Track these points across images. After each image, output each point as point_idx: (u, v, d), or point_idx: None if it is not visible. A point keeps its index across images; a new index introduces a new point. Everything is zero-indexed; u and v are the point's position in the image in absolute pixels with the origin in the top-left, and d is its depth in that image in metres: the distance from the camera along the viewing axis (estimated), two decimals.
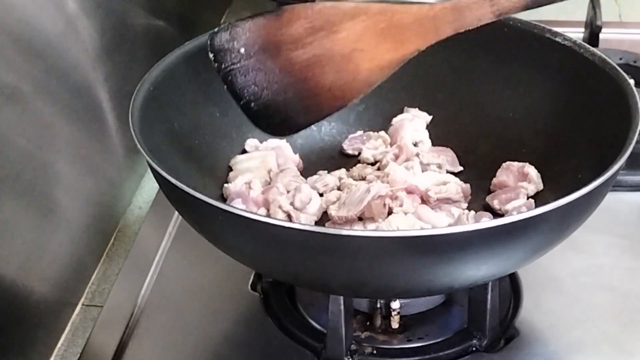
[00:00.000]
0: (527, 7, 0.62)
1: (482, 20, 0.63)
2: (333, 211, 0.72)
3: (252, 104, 0.68)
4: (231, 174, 0.77)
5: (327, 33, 0.66)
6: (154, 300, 0.76)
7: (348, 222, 0.71)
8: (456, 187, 0.75)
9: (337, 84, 0.67)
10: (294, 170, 0.79)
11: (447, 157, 0.79)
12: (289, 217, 0.73)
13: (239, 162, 0.78)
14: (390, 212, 0.72)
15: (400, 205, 0.72)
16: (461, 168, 0.79)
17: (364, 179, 0.78)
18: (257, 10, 0.68)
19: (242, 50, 0.67)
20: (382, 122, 0.84)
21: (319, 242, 0.55)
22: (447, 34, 0.64)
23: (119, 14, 0.91)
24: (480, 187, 0.77)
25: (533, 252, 0.61)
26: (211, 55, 0.67)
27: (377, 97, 0.83)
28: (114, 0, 0.90)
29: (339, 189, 0.77)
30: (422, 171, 0.78)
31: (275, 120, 0.69)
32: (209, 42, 0.67)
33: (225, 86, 0.68)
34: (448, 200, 0.74)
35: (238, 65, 0.67)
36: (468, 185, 0.76)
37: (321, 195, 0.76)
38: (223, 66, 0.68)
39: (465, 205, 0.75)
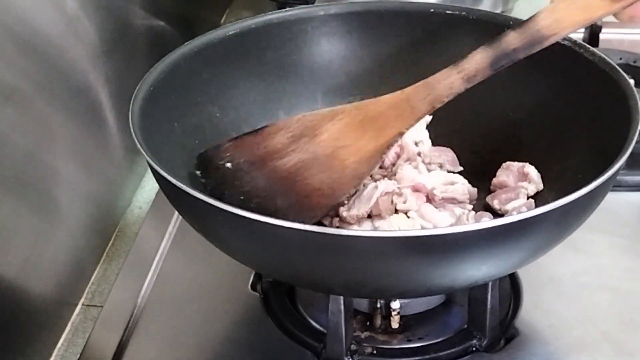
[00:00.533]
0: (493, 69, 0.65)
1: (453, 89, 0.66)
2: (344, 212, 0.72)
3: (238, 201, 0.68)
4: None
5: (309, 138, 0.68)
6: (154, 300, 0.76)
7: (359, 220, 0.72)
8: (463, 188, 0.74)
9: (326, 182, 0.68)
10: None
11: (447, 157, 0.79)
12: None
13: None
14: (395, 209, 0.72)
15: (404, 202, 0.72)
16: (461, 168, 0.79)
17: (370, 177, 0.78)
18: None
19: (229, 165, 0.70)
20: None
21: (319, 242, 0.55)
22: (424, 111, 0.67)
23: (119, 14, 0.91)
24: (480, 187, 0.77)
25: (533, 252, 0.61)
26: (198, 172, 0.70)
27: None
28: (114, 0, 0.90)
29: None
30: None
31: None
32: (197, 162, 0.70)
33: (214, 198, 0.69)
34: (453, 200, 0.74)
35: (225, 179, 0.70)
36: (475, 189, 0.76)
37: None
38: (210, 180, 0.70)
39: (470, 206, 0.75)
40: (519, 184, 0.74)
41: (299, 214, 0.68)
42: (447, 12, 0.80)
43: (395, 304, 0.70)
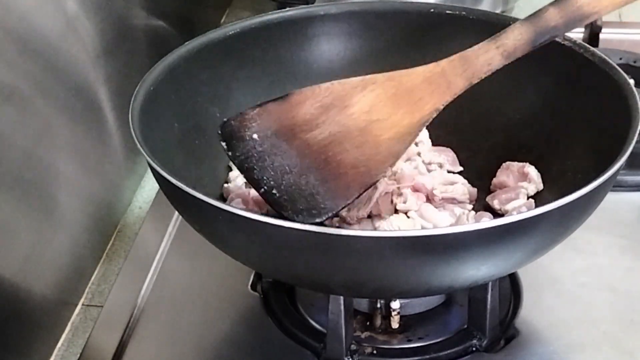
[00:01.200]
0: (532, 45, 0.61)
1: (492, 64, 0.62)
2: (344, 212, 0.71)
3: (274, 190, 0.64)
4: (231, 174, 0.77)
5: (339, 109, 0.64)
6: (154, 300, 0.76)
7: (359, 220, 0.72)
8: (463, 188, 0.75)
9: (360, 159, 0.64)
10: None
11: (447, 157, 0.79)
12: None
13: None
14: (395, 209, 0.72)
15: (404, 202, 0.72)
16: (461, 168, 0.79)
17: None
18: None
19: (255, 136, 0.64)
20: None
21: (319, 242, 0.55)
22: (461, 86, 0.63)
23: (119, 14, 0.91)
24: (480, 187, 0.77)
25: (533, 252, 0.61)
26: (223, 144, 0.65)
27: None
28: (114, 0, 0.90)
29: None
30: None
31: (301, 205, 0.64)
32: (219, 131, 0.65)
33: (243, 174, 0.66)
34: (453, 200, 0.74)
35: (253, 151, 0.64)
36: (475, 189, 0.76)
37: None
38: (237, 154, 0.65)
39: (470, 207, 0.75)
40: (519, 184, 0.74)
41: (335, 193, 0.64)
42: (447, 12, 0.80)
43: (395, 304, 0.70)
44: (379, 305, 0.71)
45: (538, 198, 0.74)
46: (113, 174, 0.91)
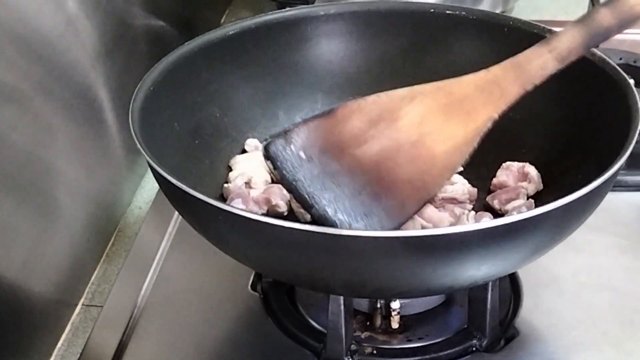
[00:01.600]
0: (586, 47, 0.60)
1: (546, 69, 0.61)
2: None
3: (327, 210, 0.62)
4: (231, 174, 0.77)
5: (388, 122, 0.61)
6: (154, 300, 0.76)
7: None
8: (463, 189, 0.75)
9: (414, 174, 0.61)
10: None
11: None
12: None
13: (239, 162, 0.78)
14: None
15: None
16: (461, 168, 0.79)
17: None
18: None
19: (302, 154, 0.62)
20: None
21: (319, 242, 0.55)
22: (515, 94, 0.61)
23: (119, 14, 0.91)
24: (480, 187, 0.77)
25: (533, 252, 0.61)
26: (269, 164, 0.62)
27: None
28: (114, 0, 0.90)
29: None
30: None
31: (358, 225, 0.62)
32: (264, 151, 0.63)
33: (292, 194, 0.63)
34: (453, 201, 0.74)
35: (300, 170, 0.62)
36: (475, 189, 0.76)
37: None
38: (284, 173, 0.62)
39: (470, 206, 0.75)
40: (519, 184, 0.74)
41: (390, 210, 0.62)
42: (447, 12, 0.80)
43: (395, 304, 0.70)
44: (379, 305, 0.71)
45: (538, 198, 0.74)
46: (113, 174, 0.91)
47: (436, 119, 0.61)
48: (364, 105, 0.62)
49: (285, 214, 0.75)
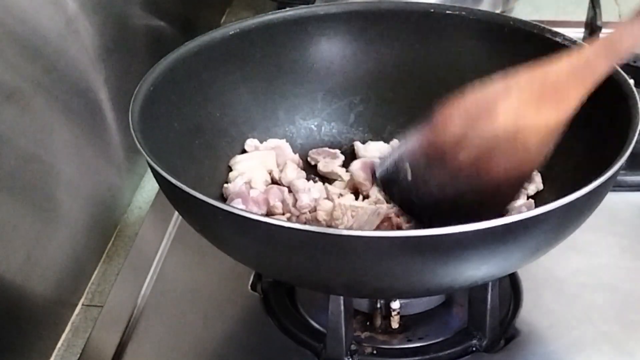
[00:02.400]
0: None
1: (636, 47, 0.58)
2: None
3: (429, 212, 0.63)
4: (231, 174, 0.77)
5: (485, 120, 0.60)
6: (154, 300, 0.76)
7: None
8: None
9: (511, 170, 0.61)
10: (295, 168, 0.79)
11: None
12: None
13: (239, 162, 0.78)
14: (399, 228, 0.71)
15: (408, 222, 0.71)
16: None
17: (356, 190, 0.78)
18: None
19: (409, 177, 0.63)
20: (382, 122, 0.84)
21: (319, 242, 0.55)
22: (603, 72, 0.59)
23: (119, 14, 0.91)
24: None
25: (533, 252, 0.61)
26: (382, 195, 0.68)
27: (378, 98, 0.83)
28: (114, 0, 0.90)
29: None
30: None
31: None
32: (379, 183, 0.67)
33: (399, 207, 0.67)
34: None
35: (408, 192, 0.64)
36: None
37: None
38: (397, 197, 0.65)
39: None
40: None
41: (487, 207, 0.61)
42: (447, 12, 0.80)
43: (395, 304, 0.70)
44: (379, 305, 0.71)
45: (538, 198, 0.74)
46: (113, 174, 0.91)
47: (530, 110, 0.60)
48: (462, 105, 0.61)
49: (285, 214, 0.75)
